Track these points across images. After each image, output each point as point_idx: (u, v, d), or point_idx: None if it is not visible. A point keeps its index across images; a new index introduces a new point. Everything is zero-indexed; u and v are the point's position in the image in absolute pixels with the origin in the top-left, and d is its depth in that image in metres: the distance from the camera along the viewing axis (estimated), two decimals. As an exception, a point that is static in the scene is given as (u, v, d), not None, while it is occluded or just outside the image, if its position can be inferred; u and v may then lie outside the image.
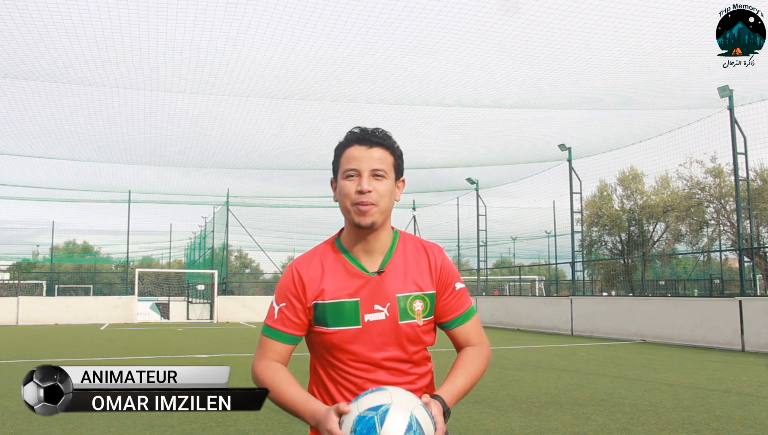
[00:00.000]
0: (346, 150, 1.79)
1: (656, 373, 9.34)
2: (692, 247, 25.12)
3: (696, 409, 6.38)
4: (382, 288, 1.80)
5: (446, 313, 1.86)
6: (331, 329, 1.78)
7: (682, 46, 12.82)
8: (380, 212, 1.75)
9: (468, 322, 1.88)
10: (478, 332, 1.90)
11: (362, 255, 1.82)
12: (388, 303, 1.79)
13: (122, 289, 32.15)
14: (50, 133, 19.93)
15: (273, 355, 1.83)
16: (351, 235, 1.82)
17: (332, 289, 1.79)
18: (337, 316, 1.78)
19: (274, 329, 1.82)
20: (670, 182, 24.69)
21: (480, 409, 6.35)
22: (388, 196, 1.77)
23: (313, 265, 1.83)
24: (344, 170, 1.77)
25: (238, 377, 7.33)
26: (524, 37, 12.53)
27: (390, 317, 1.78)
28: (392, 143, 1.81)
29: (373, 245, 1.81)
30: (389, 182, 1.78)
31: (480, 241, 26.82)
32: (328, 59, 13.62)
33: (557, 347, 13.92)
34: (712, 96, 15.08)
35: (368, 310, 1.78)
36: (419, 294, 1.82)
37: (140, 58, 13.40)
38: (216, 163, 24.69)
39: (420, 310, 1.81)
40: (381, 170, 1.76)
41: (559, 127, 19.60)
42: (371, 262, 1.82)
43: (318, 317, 1.80)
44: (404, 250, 1.86)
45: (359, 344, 1.78)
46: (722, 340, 13.50)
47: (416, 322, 1.80)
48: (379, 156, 1.77)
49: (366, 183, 1.73)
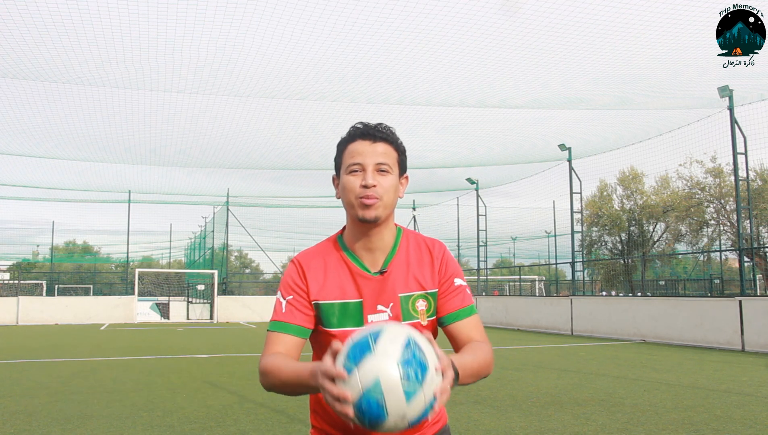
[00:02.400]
0: (349, 145, 1.76)
1: (656, 373, 9.34)
2: (692, 247, 25.11)
3: (696, 409, 6.37)
4: (385, 288, 1.77)
5: (445, 308, 1.80)
6: (335, 330, 1.75)
7: (682, 46, 12.82)
8: (384, 207, 1.73)
9: (468, 318, 1.80)
10: (480, 330, 1.82)
11: (365, 253, 1.79)
12: (390, 303, 1.77)
13: (122, 289, 32.15)
14: (50, 133, 19.93)
15: (280, 348, 1.72)
16: (354, 232, 1.79)
17: (335, 289, 1.77)
18: (340, 316, 1.75)
19: (282, 322, 1.74)
20: (670, 182, 24.68)
21: (480, 409, 6.34)
22: (393, 192, 1.75)
23: (315, 263, 1.80)
24: (348, 165, 1.74)
25: (238, 377, 7.36)
26: (524, 37, 12.53)
27: (393, 317, 1.76)
28: (396, 139, 1.79)
29: (376, 243, 1.79)
30: (393, 178, 1.75)
31: (480, 241, 26.83)
32: (329, 59, 13.63)
33: (557, 347, 13.92)
34: (712, 96, 15.08)
35: (371, 311, 1.76)
36: (422, 293, 1.79)
37: (140, 58, 13.40)
38: (216, 163, 24.69)
39: (423, 310, 1.79)
40: (385, 165, 1.73)
41: (559, 127, 19.60)
42: (374, 261, 1.80)
43: (320, 317, 1.78)
44: (407, 248, 1.83)
45: None
46: (722, 340, 13.50)
47: (419, 322, 1.77)
48: (384, 151, 1.74)
49: (370, 177, 1.71)
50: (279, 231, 33.70)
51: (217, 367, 10.05)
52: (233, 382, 8.27)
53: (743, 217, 16.98)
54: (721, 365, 10.41)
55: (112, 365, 10.39)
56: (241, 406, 6.54)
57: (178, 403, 6.77)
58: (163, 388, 7.77)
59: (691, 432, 5.39)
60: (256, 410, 6.34)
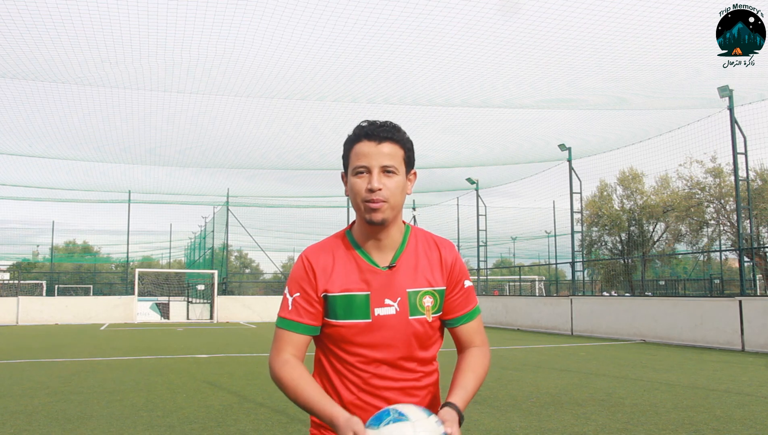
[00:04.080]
0: (355, 145, 1.77)
1: (656, 373, 9.34)
2: (692, 247, 25.12)
3: (696, 409, 6.38)
4: (393, 283, 1.79)
5: (452, 310, 1.86)
6: (342, 322, 1.78)
7: (681, 45, 12.82)
8: (391, 208, 1.74)
9: (473, 321, 1.89)
10: (481, 333, 1.91)
11: (373, 250, 1.81)
12: (398, 298, 1.79)
13: (122, 289, 32.16)
14: (50, 132, 19.94)
15: (290, 349, 1.79)
16: (362, 230, 1.81)
17: (343, 281, 1.79)
18: (347, 308, 1.77)
19: (290, 320, 1.80)
20: (670, 182, 24.68)
21: (480, 409, 6.35)
22: (400, 192, 1.76)
23: (324, 256, 1.82)
24: (354, 167, 1.75)
25: (238, 377, 7.36)
26: (524, 37, 12.53)
27: (400, 312, 1.78)
28: (402, 136, 1.79)
29: (384, 241, 1.81)
30: (400, 178, 1.76)
31: (480, 241, 26.84)
32: (330, 58, 13.62)
33: (557, 347, 13.92)
34: (712, 96, 15.08)
35: (378, 304, 1.78)
36: (429, 290, 1.82)
37: (140, 58, 13.40)
38: (216, 163, 24.70)
39: (429, 306, 1.81)
40: (391, 166, 1.74)
41: (559, 127, 19.61)
42: (382, 257, 1.81)
43: (328, 309, 1.80)
44: (416, 245, 1.86)
45: (368, 338, 1.77)
46: (722, 340, 13.50)
47: (425, 318, 1.80)
48: (389, 151, 1.75)
49: (376, 181, 1.72)
50: (279, 231, 33.72)
51: (217, 367, 10.05)
52: (233, 382, 8.27)
53: (743, 217, 16.98)
54: (721, 365, 10.41)
55: (112, 365, 10.39)
56: (241, 406, 6.54)
57: (178, 403, 6.77)
58: (163, 388, 7.77)
59: (691, 432, 5.39)
60: (256, 410, 6.34)
